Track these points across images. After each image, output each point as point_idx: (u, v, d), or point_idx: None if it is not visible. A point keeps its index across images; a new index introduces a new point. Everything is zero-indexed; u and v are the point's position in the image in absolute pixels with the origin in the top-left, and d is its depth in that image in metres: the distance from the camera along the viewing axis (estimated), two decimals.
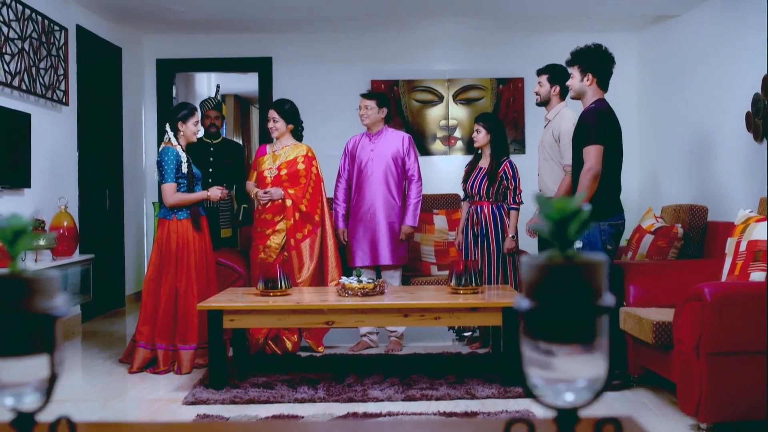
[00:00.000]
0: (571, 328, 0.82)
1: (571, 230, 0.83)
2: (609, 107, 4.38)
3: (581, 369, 0.84)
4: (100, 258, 6.96)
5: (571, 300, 0.81)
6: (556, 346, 0.82)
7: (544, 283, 0.81)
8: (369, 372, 4.68)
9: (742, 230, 4.04)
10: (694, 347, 3.50)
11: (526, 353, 0.83)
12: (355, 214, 5.50)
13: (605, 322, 0.84)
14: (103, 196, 7.29)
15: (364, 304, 4.39)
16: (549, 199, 0.85)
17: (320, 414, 3.93)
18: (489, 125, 5.23)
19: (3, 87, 5.29)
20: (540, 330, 0.82)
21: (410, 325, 4.64)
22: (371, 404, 4.11)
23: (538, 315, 0.82)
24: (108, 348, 5.69)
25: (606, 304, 0.83)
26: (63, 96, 6.18)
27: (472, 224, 5.20)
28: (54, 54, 6.00)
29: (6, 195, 5.38)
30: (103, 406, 4.16)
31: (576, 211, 0.83)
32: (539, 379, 0.83)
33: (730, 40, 6.41)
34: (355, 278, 4.61)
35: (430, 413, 3.88)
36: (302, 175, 5.37)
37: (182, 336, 4.94)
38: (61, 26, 6.14)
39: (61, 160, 6.26)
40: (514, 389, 4.27)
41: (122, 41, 7.68)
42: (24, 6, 5.52)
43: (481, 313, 4.39)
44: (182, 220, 5.02)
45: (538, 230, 0.85)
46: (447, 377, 4.54)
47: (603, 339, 0.84)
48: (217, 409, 4.04)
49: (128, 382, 4.70)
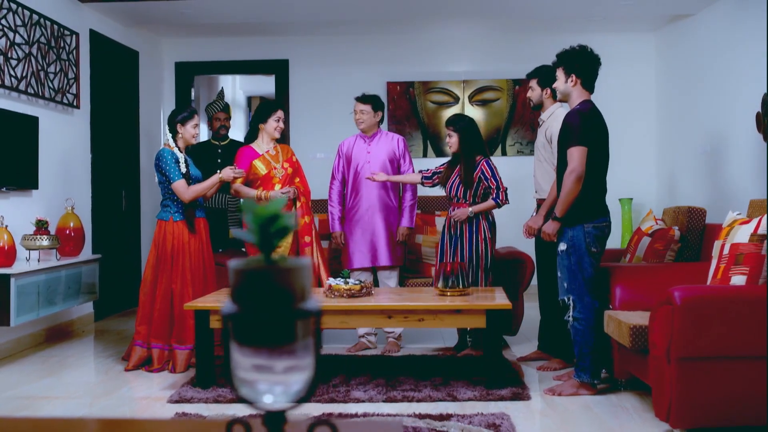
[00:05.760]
0: (271, 331, 0.83)
1: (274, 234, 0.83)
2: (594, 108, 4.32)
3: (284, 372, 0.84)
4: (115, 258, 7.11)
5: (270, 304, 0.82)
6: (259, 349, 0.83)
7: (246, 287, 0.82)
8: (358, 373, 4.71)
9: (727, 233, 3.97)
10: (665, 351, 3.45)
11: (233, 357, 0.85)
12: (352, 217, 5.51)
13: (308, 325, 0.85)
14: (119, 197, 7.43)
15: (348, 306, 4.41)
16: (252, 204, 0.86)
17: (296, 413, 3.95)
18: (458, 127, 5.13)
19: (10, 91, 5.43)
20: (244, 334, 0.83)
21: (394, 326, 4.65)
22: (351, 405, 4.12)
23: (241, 319, 0.83)
24: (113, 346, 5.80)
25: (307, 307, 0.83)
26: (74, 99, 6.31)
27: (449, 226, 5.17)
28: (64, 58, 6.13)
29: (13, 196, 5.52)
30: (90, 404, 4.24)
31: (275, 215, 0.83)
32: (245, 382, 0.84)
33: (742, 40, 6.30)
34: (342, 280, 4.63)
35: (405, 414, 3.89)
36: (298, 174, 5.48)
37: (178, 336, 5.02)
38: (71, 31, 6.27)
39: (71, 162, 6.40)
40: (497, 392, 4.26)
41: (139, 45, 7.82)
42: (32, 12, 5.66)
43: (465, 315, 4.37)
44: (178, 222, 5.09)
45: (241, 237, 0.86)
46: (433, 379, 4.54)
47: (306, 342, 0.85)
48: (198, 407, 4.09)
49: (121, 380, 4.78)
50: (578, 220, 4.27)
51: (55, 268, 5.36)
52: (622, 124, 8.05)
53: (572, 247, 4.27)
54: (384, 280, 5.53)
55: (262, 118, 5.39)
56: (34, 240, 5.26)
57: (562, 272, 4.35)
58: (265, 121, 5.38)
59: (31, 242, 5.26)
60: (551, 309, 4.97)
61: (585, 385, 4.30)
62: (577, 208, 4.27)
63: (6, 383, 4.70)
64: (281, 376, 0.83)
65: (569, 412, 4.03)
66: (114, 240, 7.22)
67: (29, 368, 5.09)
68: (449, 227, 5.16)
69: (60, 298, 5.44)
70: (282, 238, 0.85)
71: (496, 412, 3.92)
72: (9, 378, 4.84)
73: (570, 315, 4.31)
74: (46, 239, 5.30)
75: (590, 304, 4.27)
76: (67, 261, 5.53)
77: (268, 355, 0.82)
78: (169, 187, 5.09)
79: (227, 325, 0.84)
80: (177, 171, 5.05)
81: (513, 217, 7.00)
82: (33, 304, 5.08)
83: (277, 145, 5.48)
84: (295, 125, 8.46)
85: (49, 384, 4.68)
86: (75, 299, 5.68)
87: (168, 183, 5.08)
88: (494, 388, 4.32)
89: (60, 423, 1.54)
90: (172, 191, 5.10)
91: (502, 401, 4.17)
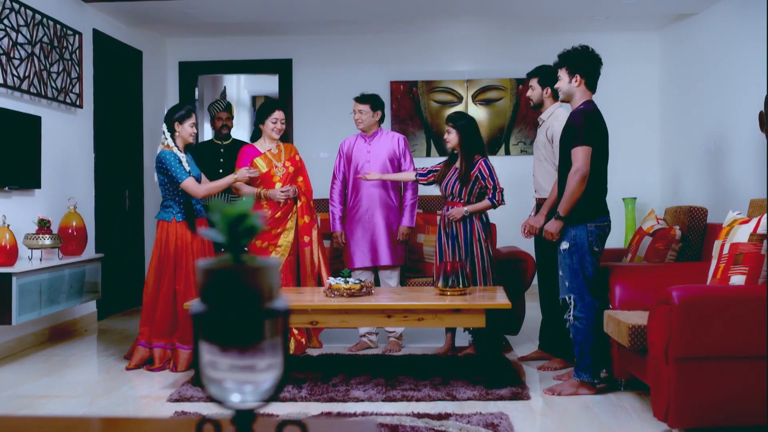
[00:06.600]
0: (239, 331, 0.83)
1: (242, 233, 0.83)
2: (596, 109, 4.32)
3: (252, 371, 0.85)
4: (118, 257, 7.13)
5: (238, 303, 0.82)
6: (227, 348, 0.83)
7: (214, 286, 0.83)
8: (358, 372, 4.71)
9: (727, 233, 3.96)
10: (663, 351, 3.44)
11: (202, 356, 0.85)
12: (353, 216, 5.51)
13: (276, 324, 0.85)
14: (123, 196, 7.45)
15: (348, 305, 4.41)
16: (221, 204, 0.86)
17: (295, 413, 3.96)
18: (458, 125, 5.12)
19: (12, 91, 5.45)
20: (212, 333, 0.84)
21: (394, 325, 4.64)
22: (351, 404, 4.12)
23: (209, 318, 0.83)
24: (115, 345, 5.81)
25: (275, 307, 0.84)
26: (77, 99, 6.33)
27: (445, 225, 5.16)
28: (67, 58, 6.15)
29: (16, 196, 5.53)
30: (90, 403, 4.25)
31: (243, 215, 0.83)
32: (214, 382, 0.84)
33: (745, 39, 6.28)
34: (342, 279, 4.64)
35: (404, 414, 3.89)
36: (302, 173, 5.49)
37: (182, 336, 5.02)
38: (74, 31, 6.29)
39: (74, 161, 6.41)
40: (496, 392, 4.26)
41: (143, 44, 7.84)
42: (34, 12, 5.67)
43: (465, 314, 4.37)
44: (180, 223, 5.10)
45: (208, 237, 0.86)
46: (433, 379, 4.54)
47: (274, 341, 0.85)
48: (198, 406, 4.10)
49: (122, 379, 4.80)
50: (581, 220, 4.27)
51: (57, 267, 5.37)
52: (625, 123, 8.04)
53: (574, 246, 4.27)
54: (385, 280, 5.53)
55: (260, 119, 5.42)
56: (37, 239, 5.28)
57: (563, 271, 4.34)
58: (263, 122, 5.40)
59: (34, 241, 5.28)
60: (552, 309, 4.97)
61: (585, 384, 4.30)
62: (580, 207, 4.27)
63: (7, 382, 4.72)
64: (250, 375, 0.84)
65: (568, 411, 4.03)
66: (117, 239, 7.23)
67: (30, 367, 5.10)
68: (444, 226, 5.16)
69: (62, 297, 5.45)
70: (250, 237, 0.85)
71: (495, 411, 3.91)
72: (10, 377, 4.85)
73: (570, 314, 4.31)
74: (49, 238, 5.31)
75: (591, 303, 4.26)
76: (69, 260, 5.54)
77: (237, 355, 0.83)
78: (171, 188, 5.08)
79: (196, 324, 0.84)
80: (182, 170, 5.04)
81: (516, 217, 6.98)
82: (35, 304, 5.10)
83: (281, 144, 5.49)
84: (299, 125, 8.47)
85: (50, 383, 4.70)
86: (77, 298, 5.70)
87: (169, 184, 5.07)
88: (494, 388, 4.31)
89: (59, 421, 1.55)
90: (173, 192, 5.09)
91: (501, 401, 4.17)
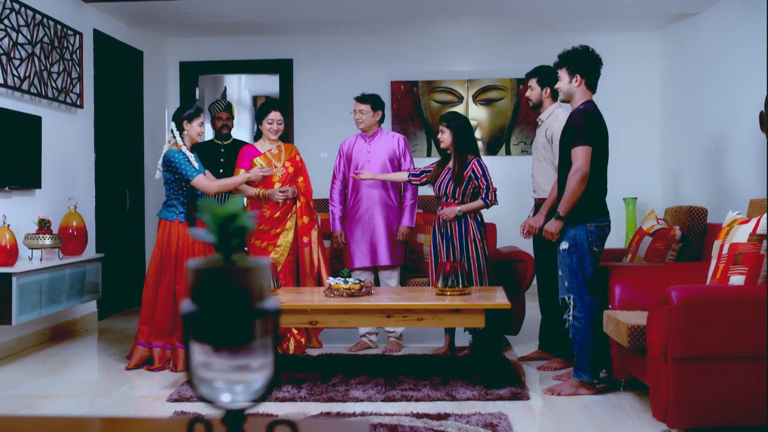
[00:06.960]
0: (229, 331, 0.83)
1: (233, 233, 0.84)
2: (597, 109, 4.32)
3: (243, 371, 0.85)
4: (119, 257, 7.13)
5: (227, 303, 0.82)
6: (218, 348, 0.83)
7: (204, 287, 0.83)
8: (357, 372, 4.71)
9: (727, 233, 3.95)
10: (663, 351, 3.44)
11: (193, 356, 0.85)
12: (352, 216, 5.51)
13: (266, 324, 0.85)
14: (123, 196, 7.45)
15: (347, 305, 4.41)
16: (211, 204, 0.86)
17: (295, 413, 3.96)
18: (452, 125, 5.12)
19: (13, 91, 5.45)
20: (203, 333, 0.84)
21: (393, 325, 4.64)
22: (350, 404, 4.13)
23: (200, 318, 0.83)
24: (116, 345, 5.82)
25: (265, 307, 0.84)
26: (77, 99, 6.33)
27: (440, 225, 5.16)
28: (67, 58, 6.15)
29: (16, 195, 5.54)
30: (90, 402, 4.26)
31: (233, 215, 0.83)
32: (205, 381, 0.85)
33: (746, 39, 6.28)
34: (342, 279, 4.64)
35: (403, 414, 3.89)
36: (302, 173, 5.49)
37: (181, 337, 5.02)
38: (75, 31, 6.29)
39: (74, 161, 6.42)
40: (496, 392, 4.26)
41: (143, 45, 7.84)
42: (35, 12, 5.68)
43: (464, 314, 4.37)
44: (183, 223, 5.10)
45: (199, 237, 0.86)
46: (433, 379, 4.54)
47: (265, 341, 0.85)
48: (197, 406, 4.10)
49: (122, 379, 4.80)
50: (581, 219, 4.27)
51: (57, 267, 5.38)
52: (626, 123, 8.04)
53: (574, 246, 4.27)
54: (385, 280, 5.53)
55: (258, 119, 5.44)
56: (37, 239, 5.28)
57: (563, 271, 4.34)
58: (260, 123, 5.42)
59: (34, 241, 5.28)
60: (551, 309, 4.96)
61: (584, 384, 4.29)
62: (580, 207, 4.27)
63: (7, 382, 4.72)
64: (240, 375, 0.84)
65: (568, 411, 4.03)
66: (117, 239, 7.24)
67: (31, 367, 5.11)
68: (439, 227, 5.16)
69: (63, 297, 5.46)
70: (240, 237, 0.85)
71: (494, 411, 3.91)
72: (10, 376, 4.86)
73: (570, 314, 4.31)
74: (49, 238, 5.32)
75: (590, 303, 4.26)
76: (69, 260, 5.55)
77: (227, 355, 0.83)
78: (176, 188, 5.07)
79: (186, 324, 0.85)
80: (192, 168, 5.04)
81: (515, 217, 6.98)
82: (35, 303, 5.10)
83: (281, 144, 5.50)
84: (299, 125, 8.47)
85: (50, 383, 4.70)
86: (78, 298, 5.70)
87: (175, 183, 5.06)
88: (493, 388, 4.31)
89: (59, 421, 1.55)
90: (178, 192, 5.08)
91: (500, 401, 4.17)
